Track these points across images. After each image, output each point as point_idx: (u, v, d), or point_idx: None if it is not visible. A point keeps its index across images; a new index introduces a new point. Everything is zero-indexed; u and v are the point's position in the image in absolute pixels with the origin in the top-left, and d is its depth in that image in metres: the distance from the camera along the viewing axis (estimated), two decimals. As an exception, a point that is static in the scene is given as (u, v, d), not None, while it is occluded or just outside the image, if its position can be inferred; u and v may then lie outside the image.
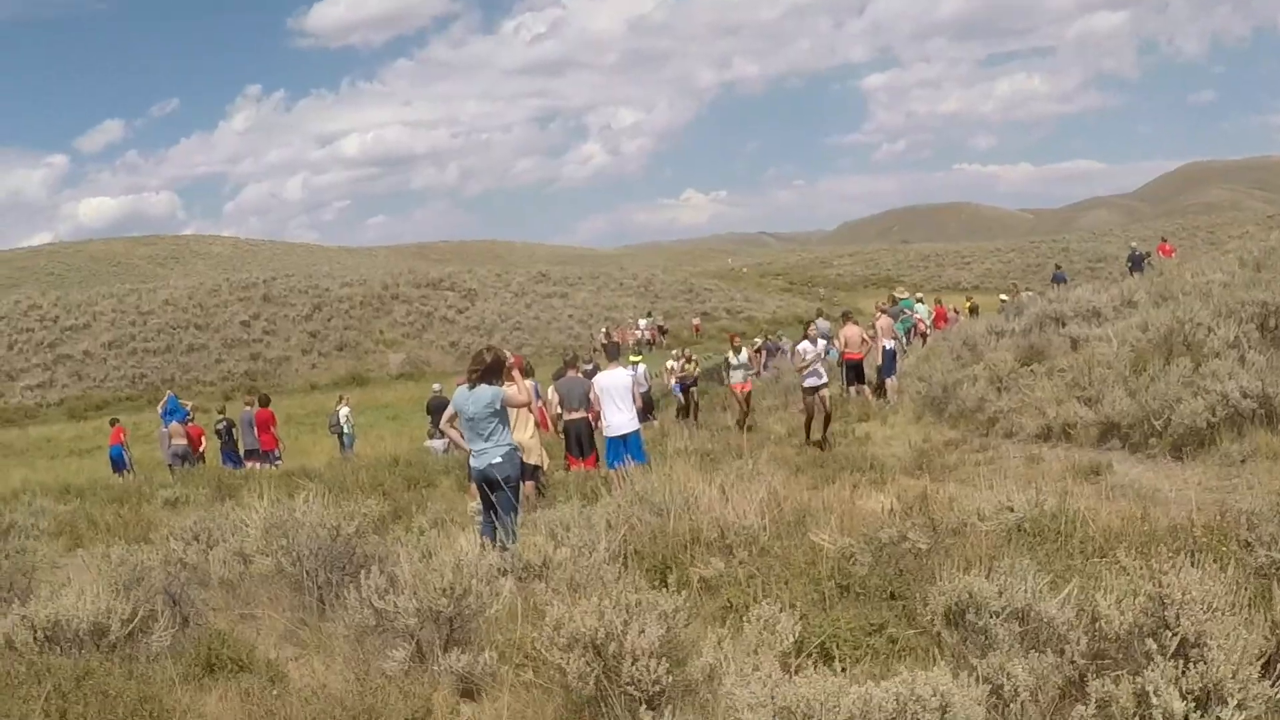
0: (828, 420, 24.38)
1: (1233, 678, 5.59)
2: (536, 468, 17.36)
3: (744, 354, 31.86)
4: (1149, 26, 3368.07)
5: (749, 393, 31.36)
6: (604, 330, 73.36)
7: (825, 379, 24.50)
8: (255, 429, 32.67)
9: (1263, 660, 5.94)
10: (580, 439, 19.53)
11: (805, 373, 24.21)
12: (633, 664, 6.76)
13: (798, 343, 26.41)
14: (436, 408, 32.63)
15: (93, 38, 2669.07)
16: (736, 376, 30.91)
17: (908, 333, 41.55)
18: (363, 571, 8.99)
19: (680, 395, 38.12)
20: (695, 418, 35.49)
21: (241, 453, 33.08)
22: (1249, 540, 8.61)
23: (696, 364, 38.72)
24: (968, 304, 54.44)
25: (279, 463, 31.99)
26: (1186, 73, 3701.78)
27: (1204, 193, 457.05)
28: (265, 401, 34.49)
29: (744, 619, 7.65)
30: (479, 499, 13.51)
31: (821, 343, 25.36)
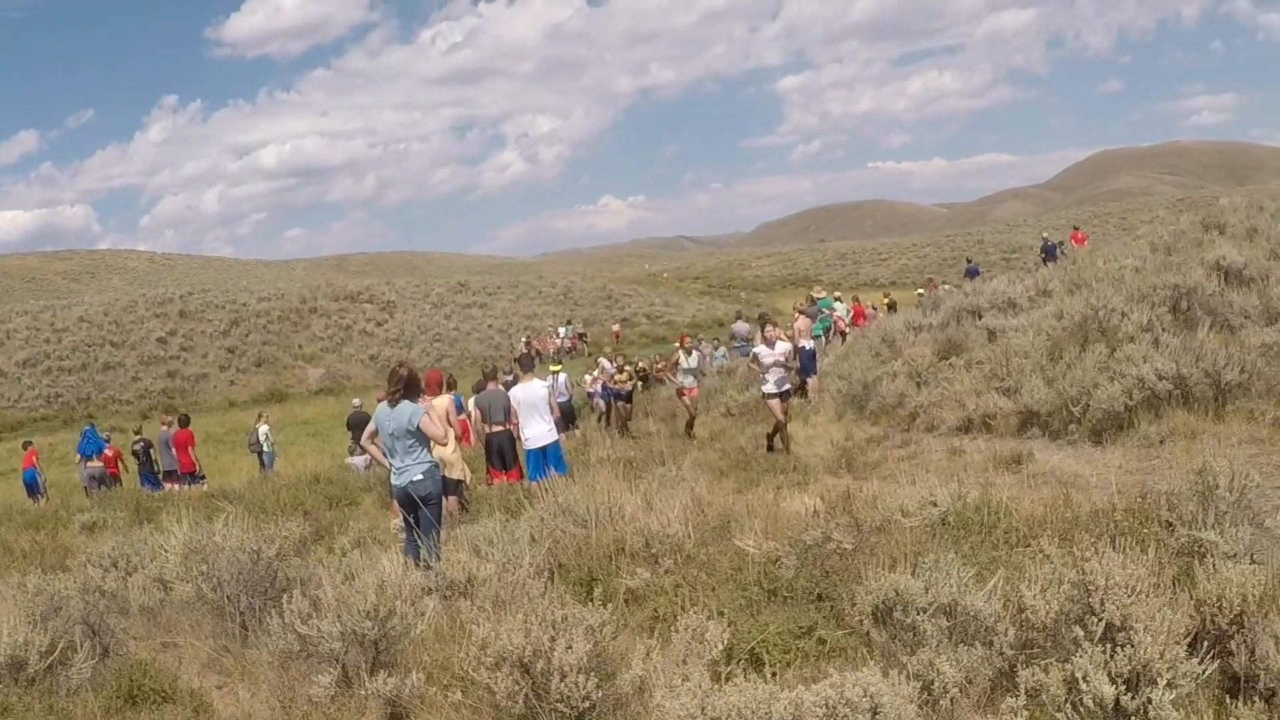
0: (778, 428, 22.50)
1: (1160, 658, 5.64)
2: (459, 482, 17.30)
3: (694, 357, 29.97)
4: (1056, 22, 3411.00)
5: (695, 397, 29.30)
6: (524, 340, 73.29)
7: (787, 385, 22.71)
8: (173, 448, 32.25)
9: (1189, 638, 5.98)
10: (502, 452, 19.42)
11: (766, 377, 22.31)
12: (561, 680, 6.72)
13: (752, 345, 25.57)
14: (357, 423, 32.31)
15: (7, 46, 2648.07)
16: (687, 380, 28.92)
17: (826, 331, 41.62)
18: (285, 595, 8.86)
19: (601, 403, 36.52)
20: (625, 428, 33.36)
21: (160, 474, 32.60)
22: (1170, 521, 8.69)
23: (630, 376, 35.86)
24: (885, 300, 54.58)
25: (203, 483, 31.56)
26: (1094, 65, 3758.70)
27: (1114, 180, 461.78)
28: (185, 422, 33.77)
29: (672, 629, 7.63)
30: (401, 516, 13.43)
31: (782, 345, 22.94)
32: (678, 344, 30.07)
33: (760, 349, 22.67)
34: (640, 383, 39.78)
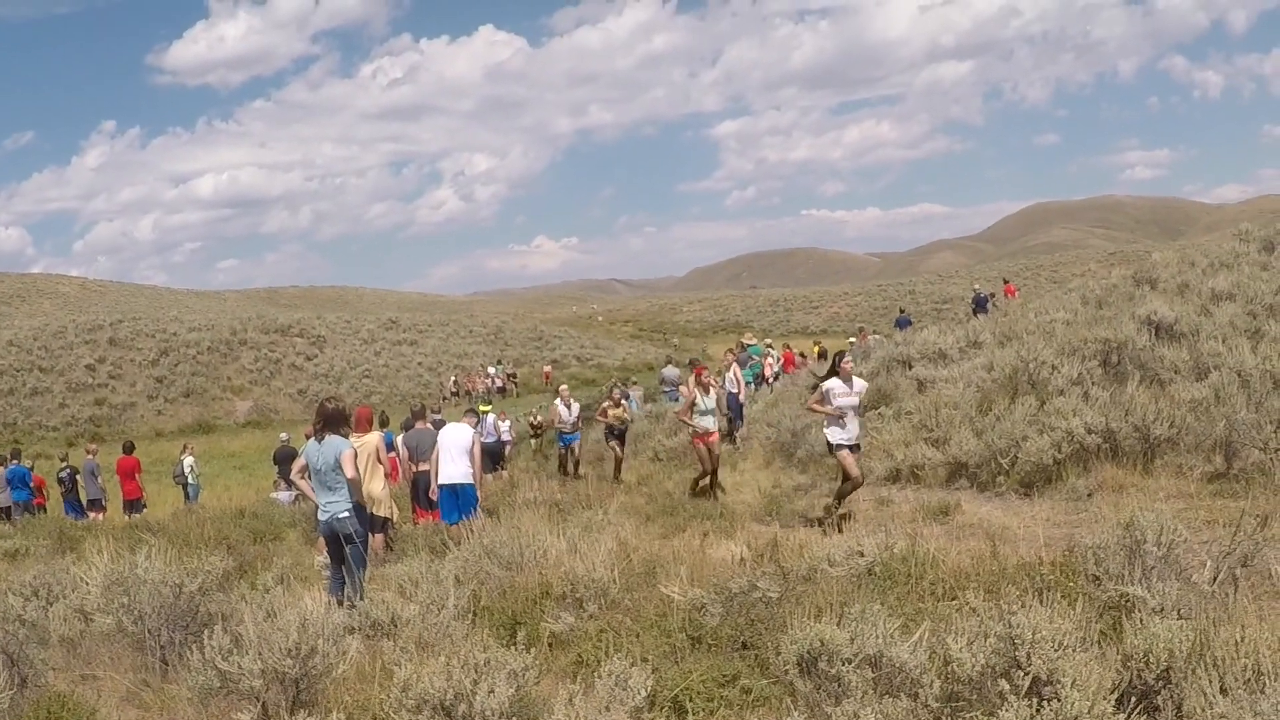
0: (852, 484, 17.68)
1: (1089, 713, 5.59)
2: (386, 520, 17.19)
3: (712, 395, 22.62)
4: (994, 74, 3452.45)
5: (715, 444, 22.50)
6: (453, 379, 73.17)
7: (857, 434, 17.89)
8: (98, 477, 31.80)
9: (1116, 693, 5.95)
10: (429, 491, 19.30)
11: (843, 423, 17.43)
12: (482, 725, 6.63)
13: (823, 378, 18.30)
14: (283, 457, 32.08)
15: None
16: (706, 422, 22.11)
17: (756, 379, 41.65)
18: (207, 631, 8.76)
19: (615, 444, 29.09)
20: (576, 471, 30.51)
21: (84, 502, 32.20)
22: (1097, 575, 8.68)
23: (624, 409, 29.50)
24: (815, 348, 54.68)
25: (144, 511, 31.22)
26: (1031, 117, 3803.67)
27: (1047, 232, 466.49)
28: (130, 449, 33.33)
29: (595, 674, 7.56)
30: (326, 553, 13.32)
31: (860, 383, 18.00)
32: (693, 378, 25.11)
33: (834, 385, 17.40)
34: (534, 438, 40.28)
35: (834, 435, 17.50)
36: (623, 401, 29.30)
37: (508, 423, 39.41)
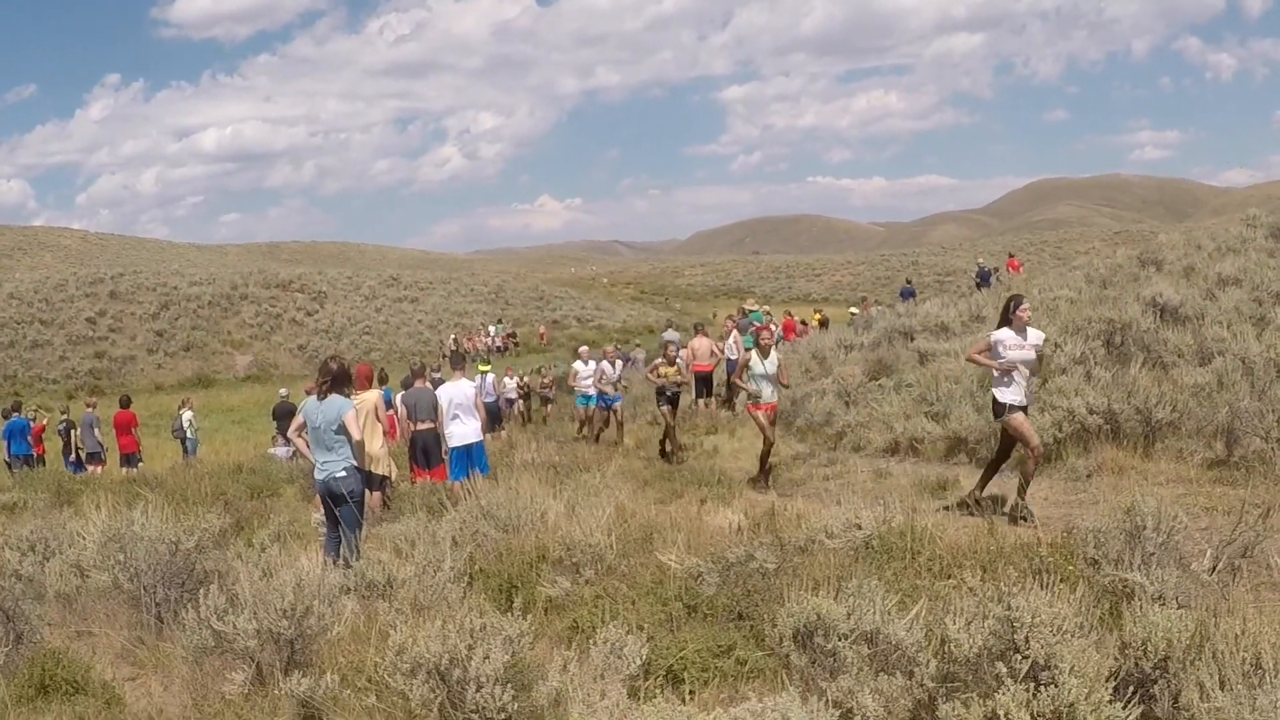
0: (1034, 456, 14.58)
1: (1085, 700, 5.56)
2: (384, 479, 17.14)
3: (773, 360, 19.30)
4: (1006, 48, 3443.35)
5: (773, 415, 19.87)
6: (453, 337, 73.04)
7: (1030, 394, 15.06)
8: (96, 430, 31.69)
9: (1114, 681, 5.92)
10: (427, 450, 19.23)
11: (1013, 378, 14.49)
12: (478, 691, 6.60)
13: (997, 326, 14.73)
14: (282, 413, 32.04)
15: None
16: (765, 390, 19.23)
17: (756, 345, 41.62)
18: (202, 589, 8.73)
19: (667, 409, 24.40)
20: (620, 437, 27.71)
21: (83, 456, 32.13)
22: (1095, 558, 8.63)
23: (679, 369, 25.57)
24: (817, 317, 54.62)
25: (140, 465, 31.19)
26: (1041, 93, 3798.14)
27: (1052, 209, 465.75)
28: (126, 403, 33.58)
29: (591, 641, 7.53)
30: (323, 511, 13.28)
31: (1036, 334, 14.97)
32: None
33: (1004, 335, 14.61)
34: (522, 399, 40.24)
35: (1003, 394, 14.46)
36: (677, 360, 24.53)
37: (514, 379, 39.52)
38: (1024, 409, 14.47)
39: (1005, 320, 14.71)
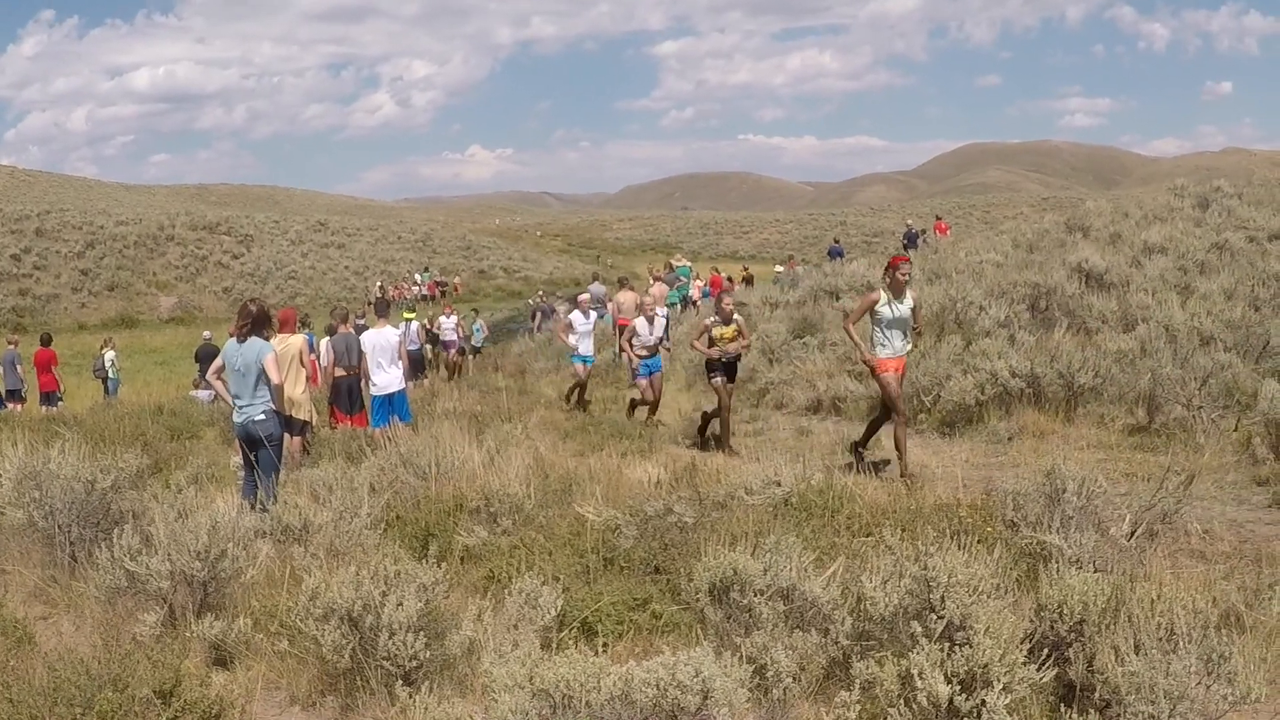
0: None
1: (1000, 661, 5.54)
2: (305, 424, 17.00)
3: (908, 300, 14.58)
4: (942, 12, 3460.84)
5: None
6: (379, 285, 72.78)
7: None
8: (18, 367, 31.34)
9: (1029, 643, 5.91)
10: (350, 395, 19.13)
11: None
12: (390, 638, 6.52)
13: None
14: (205, 355, 31.88)
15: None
16: (896, 342, 14.59)
17: (682, 301, 41.64)
18: (117, 529, 8.61)
19: (721, 378, 18.84)
20: (654, 411, 22.05)
21: (2, 393, 31.74)
22: (1014, 520, 8.66)
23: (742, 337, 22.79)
24: (742, 274, 54.72)
25: (60, 404, 30.89)
26: (974, 58, 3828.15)
27: (982, 173, 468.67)
28: (47, 341, 33.06)
29: (506, 591, 7.49)
30: (242, 455, 13.16)
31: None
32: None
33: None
34: (429, 345, 39.26)
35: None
36: (735, 317, 18.11)
37: (454, 318, 39.12)
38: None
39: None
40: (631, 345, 20.33)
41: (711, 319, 18.28)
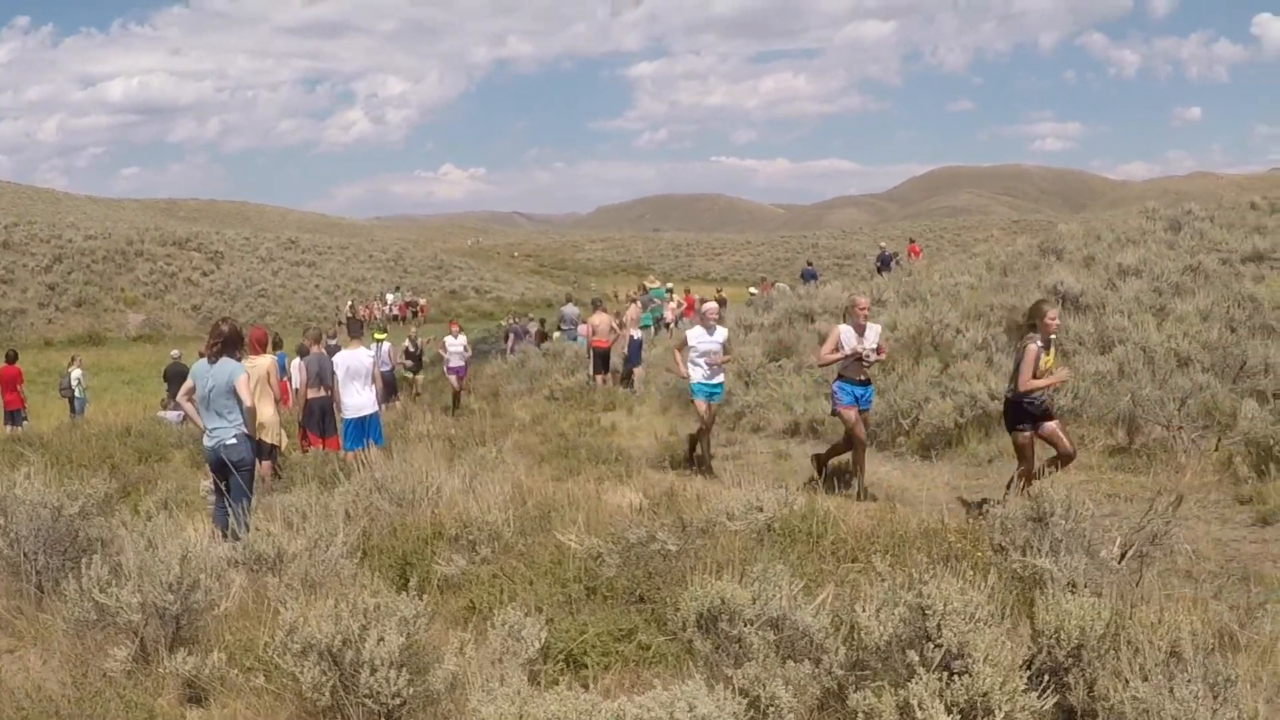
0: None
1: (1000, 689, 5.47)
2: (274, 447, 16.83)
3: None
4: (916, 37, 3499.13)
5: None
6: (350, 304, 72.59)
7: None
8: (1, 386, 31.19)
9: (1028, 670, 5.83)
10: (323, 418, 18.96)
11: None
12: (372, 674, 6.35)
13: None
14: (174, 375, 31.63)
15: None
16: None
17: (656, 322, 41.63)
18: (85, 558, 8.42)
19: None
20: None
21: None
22: (1002, 545, 8.58)
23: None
24: (716, 296, 54.74)
25: (25, 424, 30.59)
26: (947, 82, 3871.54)
27: (952, 196, 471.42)
28: (13, 358, 32.77)
29: (488, 623, 7.34)
30: (212, 480, 12.98)
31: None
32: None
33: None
34: (410, 369, 38.17)
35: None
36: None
37: (462, 338, 36.89)
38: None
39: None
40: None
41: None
